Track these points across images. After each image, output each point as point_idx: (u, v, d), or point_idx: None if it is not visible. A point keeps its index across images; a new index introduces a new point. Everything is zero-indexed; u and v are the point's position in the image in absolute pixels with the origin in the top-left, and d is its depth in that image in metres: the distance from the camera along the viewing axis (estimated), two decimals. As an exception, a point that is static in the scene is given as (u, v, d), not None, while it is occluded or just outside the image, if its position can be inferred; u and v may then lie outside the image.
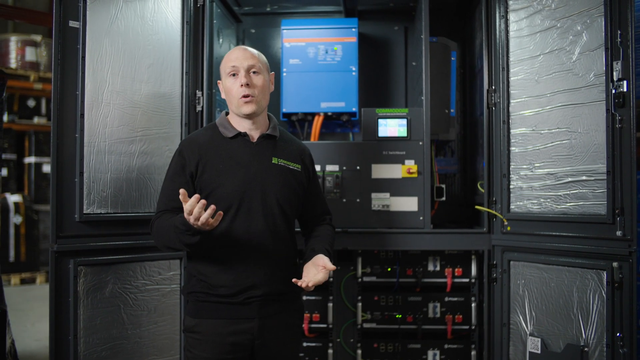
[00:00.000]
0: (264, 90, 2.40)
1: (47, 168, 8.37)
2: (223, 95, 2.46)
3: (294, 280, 2.24)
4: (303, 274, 2.31)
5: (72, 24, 2.67)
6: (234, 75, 2.37)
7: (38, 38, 8.61)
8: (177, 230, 2.12)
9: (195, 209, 1.98)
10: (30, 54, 8.48)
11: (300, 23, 3.74)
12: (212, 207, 2.01)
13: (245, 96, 2.33)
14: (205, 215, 1.99)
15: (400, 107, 3.89)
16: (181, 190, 2.01)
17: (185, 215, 2.02)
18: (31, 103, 8.45)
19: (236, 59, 2.38)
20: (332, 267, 2.26)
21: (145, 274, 2.90)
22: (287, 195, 2.41)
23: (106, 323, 2.77)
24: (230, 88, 2.37)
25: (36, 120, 8.42)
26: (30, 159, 8.36)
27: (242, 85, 2.33)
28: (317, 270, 2.28)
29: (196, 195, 2.00)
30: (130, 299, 2.85)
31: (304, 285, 2.20)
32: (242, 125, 2.41)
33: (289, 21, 3.76)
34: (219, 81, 2.50)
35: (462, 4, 3.83)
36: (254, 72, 2.37)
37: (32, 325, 5.79)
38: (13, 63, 8.38)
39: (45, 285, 7.81)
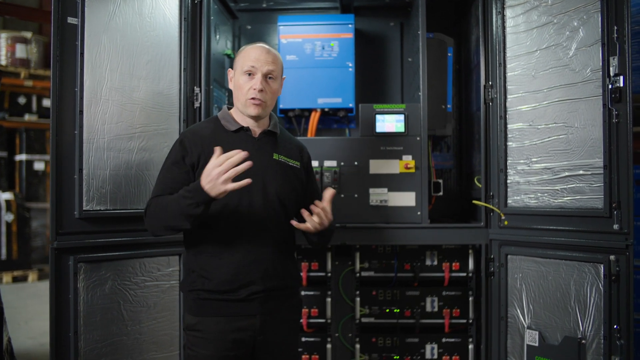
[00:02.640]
0: (274, 96, 2.41)
1: (38, 165, 8.33)
2: (230, 86, 2.44)
3: (297, 224, 2.36)
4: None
5: (71, 20, 2.66)
6: (249, 74, 2.35)
7: (28, 35, 8.56)
8: (182, 200, 2.14)
9: (225, 165, 2.06)
10: (20, 51, 8.42)
11: (296, 19, 3.74)
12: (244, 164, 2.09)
13: (254, 98, 2.32)
14: (229, 175, 2.07)
15: (396, 103, 3.90)
16: (217, 148, 2.08)
17: (211, 166, 2.06)
18: (22, 100, 8.41)
19: (257, 60, 2.34)
20: (330, 191, 2.39)
21: (144, 270, 2.90)
22: (288, 191, 2.42)
23: (106, 320, 2.77)
24: (242, 86, 2.35)
25: (27, 117, 8.37)
26: (22, 157, 8.31)
27: (255, 89, 2.32)
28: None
29: (238, 154, 2.07)
30: (129, 295, 2.85)
31: (325, 223, 2.36)
32: (245, 120, 2.41)
33: (285, 17, 3.76)
34: (230, 69, 2.47)
35: None
36: (270, 78, 2.37)
37: (25, 323, 5.76)
38: (3, 60, 8.33)
39: (38, 283, 7.79)
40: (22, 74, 8.25)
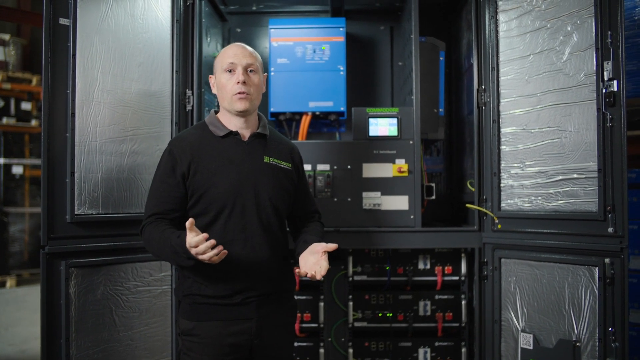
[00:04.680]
0: (258, 90, 2.40)
1: (16, 169, 8.18)
2: (214, 91, 2.44)
3: (298, 271, 2.18)
4: (301, 265, 2.27)
5: (63, 21, 2.62)
6: (230, 71, 2.35)
7: (6, 37, 8.42)
8: (174, 251, 2.11)
9: (202, 246, 1.98)
10: (-2, 53, 8.30)
11: (288, 22, 3.73)
12: (220, 247, 2.02)
13: (240, 93, 2.31)
14: (210, 254, 2.00)
15: (386, 107, 3.90)
16: (190, 220, 1.99)
17: (188, 246, 2.00)
18: (-1, 103, 8.27)
19: (234, 56, 2.35)
20: (333, 246, 2.23)
21: (136, 275, 2.86)
22: (280, 194, 2.40)
23: (98, 325, 2.72)
24: (225, 84, 2.35)
25: (5, 120, 8.20)
26: (-1, 160, 8.17)
27: (238, 82, 2.31)
28: (315, 258, 2.23)
29: (204, 235, 1.99)
30: (121, 300, 2.80)
31: (318, 277, 2.15)
32: (233, 124, 2.39)
33: (276, 20, 3.74)
34: (210, 76, 2.47)
35: (448, 3, 3.86)
36: (251, 71, 2.36)
37: (5, 330, 5.65)
38: (-20, 63, 8.19)
39: (17, 289, 7.67)
40: (0, 76, 8.10)
